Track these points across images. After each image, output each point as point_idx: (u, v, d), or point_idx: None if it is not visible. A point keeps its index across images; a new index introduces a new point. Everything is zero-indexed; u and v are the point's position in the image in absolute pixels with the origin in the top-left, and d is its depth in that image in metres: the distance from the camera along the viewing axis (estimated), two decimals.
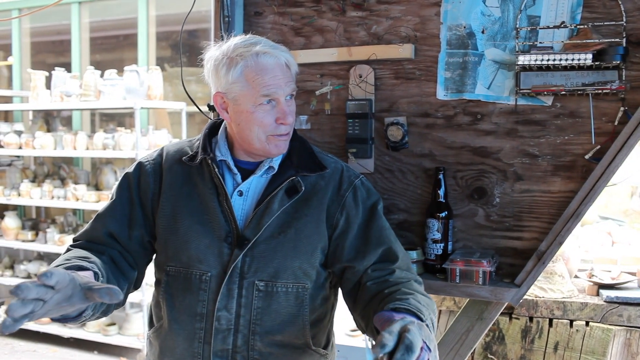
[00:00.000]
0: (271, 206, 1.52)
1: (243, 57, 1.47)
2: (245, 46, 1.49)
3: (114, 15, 5.97)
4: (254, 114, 1.49)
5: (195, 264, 1.53)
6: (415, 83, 1.95)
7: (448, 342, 1.93)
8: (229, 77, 1.48)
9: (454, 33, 1.89)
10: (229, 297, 1.51)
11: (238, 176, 1.57)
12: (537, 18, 1.79)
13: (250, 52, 1.47)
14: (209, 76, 1.56)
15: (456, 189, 1.92)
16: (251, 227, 1.51)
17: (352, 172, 1.64)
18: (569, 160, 1.79)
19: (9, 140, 5.30)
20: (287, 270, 1.52)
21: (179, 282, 1.55)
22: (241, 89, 1.49)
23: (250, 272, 1.51)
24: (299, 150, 1.60)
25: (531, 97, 1.81)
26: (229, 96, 1.51)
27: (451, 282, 1.82)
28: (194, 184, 1.57)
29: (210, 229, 1.53)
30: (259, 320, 1.52)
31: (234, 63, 1.48)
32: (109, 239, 1.57)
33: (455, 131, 1.91)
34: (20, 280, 5.32)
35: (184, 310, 1.54)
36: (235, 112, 1.52)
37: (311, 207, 1.55)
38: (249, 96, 1.48)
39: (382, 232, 1.57)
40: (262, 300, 1.51)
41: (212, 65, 1.53)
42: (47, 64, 6.09)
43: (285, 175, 1.54)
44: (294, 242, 1.52)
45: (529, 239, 1.84)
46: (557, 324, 2.22)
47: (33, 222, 5.60)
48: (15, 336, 5.31)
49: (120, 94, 4.78)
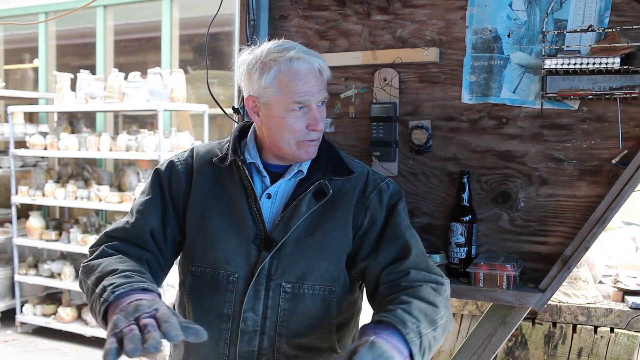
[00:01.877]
0: (299, 209, 1.53)
1: (277, 62, 1.48)
2: (279, 51, 1.50)
3: (138, 18, 6.04)
4: (286, 120, 1.50)
5: (223, 264, 1.54)
6: (440, 87, 1.95)
7: (471, 346, 1.93)
8: (262, 81, 1.49)
9: (479, 37, 1.89)
10: (256, 299, 1.52)
11: (267, 179, 1.58)
12: (564, 22, 1.79)
13: (284, 57, 1.48)
14: (241, 80, 1.57)
15: (480, 193, 1.91)
16: (279, 229, 1.52)
17: (378, 176, 1.65)
18: (595, 165, 1.77)
19: (35, 141, 5.38)
20: (314, 272, 1.53)
21: (205, 283, 1.56)
22: (273, 94, 1.49)
23: (278, 273, 1.52)
24: (326, 154, 1.61)
25: (557, 101, 1.80)
26: (261, 100, 1.52)
27: (475, 286, 1.82)
28: (223, 186, 1.58)
29: (238, 230, 1.54)
30: (285, 322, 1.52)
31: (267, 68, 1.49)
32: (149, 238, 1.57)
33: (480, 135, 1.91)
34: (44, 279, 5.39)
35: (210, 311, 1.55)
36: (266, 117, 1.53)
37: (338, 210, 1.56)
38: (281, 101, 1.49)
39: (398, 227, 1.56)
40: (289, 302, 1.52)
41: (244, 69, 1.54)
42: (71, 66, 6.18)
43: (313, 179, 1.56)
44: (321, 245, 1.53)
45: (554, 244, 1.83)
46: (581, 330, 2.20)
47: (57, 222, 5.68)
48: (39, 335, 5.38)
49: (144, 96, 4.83)
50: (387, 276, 1.50)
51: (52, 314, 5.40)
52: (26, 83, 6.81)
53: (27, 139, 5.48)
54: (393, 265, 1.51)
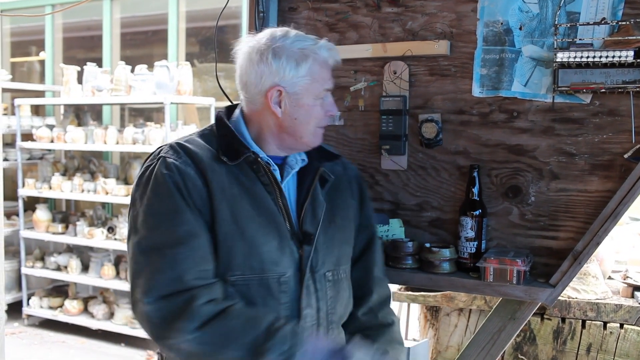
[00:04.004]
0: (317, 197, 1.56)
1: (312, 51, 1.49)
2: (309, 39, 1.51)
3: (144, 11, 6.03)
4: (314, 108, 1.51)
5: (271, 267, 1.46)
6: (451, 80, 1.93)
7: (479, 341, 1.92)
8: (298, 71, 1.47)
9: (490, 29, 1.87)
10: (309, 294, 1.51)
11: (277, 172, 1.54)
12: (577, 14, 1.77)
13: (317, 46, 1.50)
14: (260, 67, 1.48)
15: (490, 187, 1.90)
16: (308, 221, 1.53)
17: (347, 160, 1.76)
18: (607, 159, 1.76)
19: (41, 134, 5.38)
20: (344, 256, 1.61)
21: (253, 291, 1.45)
22: (307, 83, 1.49)
23: (319, 264, 1.53)
24: None
25: (569, 95, 1.78)
26: (290, 90, 1.48)
27: (484, 280, 1.80)
28: (241, 184, 1.47)
29: (274, 229, 1.48)
30: (333, 309, 1.57)
31: (304, 57, 1.47)
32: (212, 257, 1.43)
33: (491, 129, 1.89)
34: (50, 272, 5.41)
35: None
36: (293, 107, 1.49)
37: (342, 193, 1.64)
38: (313, 90, 1.50)
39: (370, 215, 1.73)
40: (332, 289, 1.56)
41: (269, 56, 1.47)
42: (78, 59, 6.18)
43: (312, 167, 1.58)
44: (343, 228, 1.61)
45: (565, 239, 1.82)
46: (591, 326, 2.19)
47: (63, 215, 5.69)
48: (45, 327, 5.40)
49: (151, 89, 4.82)
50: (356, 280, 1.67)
51: (58, 307, 5.41)
52: (33, 76, 6.81)
53: (33, 131, 5.49)
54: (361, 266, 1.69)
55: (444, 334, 2.54)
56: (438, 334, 2.56)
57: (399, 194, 2.02)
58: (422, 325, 2.70)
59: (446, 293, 2.46)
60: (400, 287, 2.64)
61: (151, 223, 1.41)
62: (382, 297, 1.70)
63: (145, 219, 1.41)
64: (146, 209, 1.41)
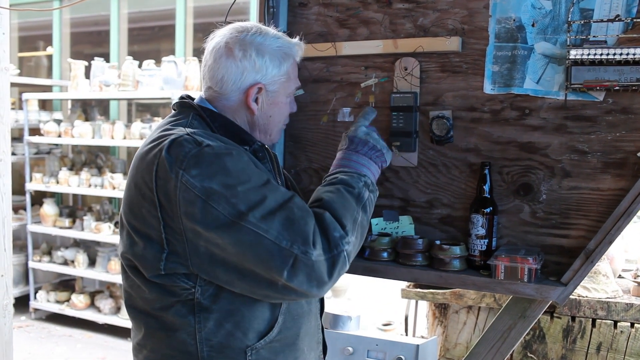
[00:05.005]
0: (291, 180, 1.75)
1: (292, 50, 1.55)
2: (286, 38, 1.55)
3: (152, 6, 6.03)
4: (286, 105, 1.59)
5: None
6: (462, 76, 1.92)
7: (489, 339, 1.91)
8: (280, 69, 1.52)
9: (503, 26, 1.86)
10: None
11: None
12: (590, 11, 1.75)
13: (293, 44, 1.56)
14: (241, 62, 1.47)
15: (501, 185, 1.89)
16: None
17: None
18: (620, 158, 1.74)
19: (49, 129, 5.39)
20: None
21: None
22: (284, 81, 1.55)
23: None
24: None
25: (582, 93, 1.77)
26: (270, 88, 1.52)
27: (495, 278, 1.79)
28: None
29: None
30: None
31: (286, 56, 1.53)
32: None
33: (502, 126, 1.88)
34: (57, 266, 5.42)
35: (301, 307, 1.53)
36: (269, 104, 1.54)
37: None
38: (287, 88, 1.56)
39: None
40: None
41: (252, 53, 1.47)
42: (85, 54, 6.18)
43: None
44: None
45: (576, 237, 1.80)
46: (601, 325, 2.18)
47: (70, 210, 5.71)
48: (52, 321, 5.42)
49: (158, 85, 4.83)
50: None
51: (65, 301, 5.44)
52: (40, 70, 6.82)
53: (41, 126, 5.50)
54: None
55: (453, 332, 2.53)
56: (447, 331, 2.55)
57: (409, 191, 2.01)
58: (430, 323, 2.69)
59: (455, 290, 2.45)
60: (409, 284, 2.63)
61: (255, 196, 1.29)
62: None
63: (246, 197, 1.28)
64: (240, 188, 1.29)
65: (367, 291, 5.54)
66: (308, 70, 2.13)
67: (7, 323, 2.51)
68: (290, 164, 2.19)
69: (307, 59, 2.12)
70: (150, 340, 1.44)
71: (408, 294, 2.61)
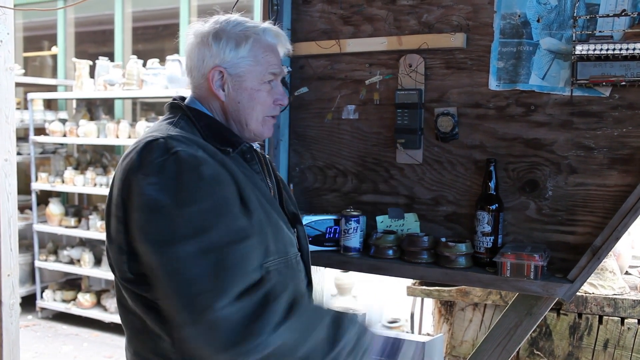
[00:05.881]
0: (281, 179, 1.64)
1: (254, 32, 1.47)
2: (249, 22, 1.49)
3: (156, 5, 6.03)
4: (259, 92, 1.47)
5: (290, 248, 1.49)
6: (467, 73, 1.91)
7: (495, 336, 1.90)
8: (239, 51, 1.45)
9: (507, 22, 1.85)
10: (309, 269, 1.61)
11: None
12: (596, 6, 1.74)
13: (259, 28, 1.49)
14: (201, 50, 1.46)
15: (507, 182, 1.88)
16: (289, 202, 1.62)
17: None
18: (626, 153, 1.73)
19: (54, 128, 5.40)
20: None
21: (283, 274, 1.43)
22: (249, 65, 1.46)
23: (303, 241, 1.59)
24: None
25: (588, 88, 1.76)
26: (232, 71, 1.45)
27: (501, 275, 1.79)
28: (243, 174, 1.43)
29: (279, 213, 1.51)
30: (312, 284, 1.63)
31: (245, 38, 1.46)
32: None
33: (508, 122, 1.87)
34: (63, 265, 5.43)
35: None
36: (236, 90, 1.46)
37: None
38: (256, 73, 1.47)
39: None
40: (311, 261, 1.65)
41: (210, 38, 1.45)
42: (89, 53, 6.19)
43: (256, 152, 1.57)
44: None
45: (583, 234, 1.80)
46: (608, 322, 2.17)
47: (76, 209, 5.71)
48: (59, 320, 5.44)
49: (162, 83, 4.82)
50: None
51: (71, 300, 5.45)
52: (45, 70, 6.83)
53: (46, 125, 5.51)
54: None
55: (459, 329, 2.52)
56: (452, 328, 2.54)
57: (415, 188, 2.00)
58: (436, 320, 2.68)
59: (461, 288, 2.44)
60: (415, 281, 2.63)
61: (201, 222, 1.23)
62: None
63: (190, 219, 1.23)
64: (189, 208, 1.24)
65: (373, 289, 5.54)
66: (312, 68, 2.13)
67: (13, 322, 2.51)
68: (294, 162, 2.19)
69: (311, 57, 2.11)
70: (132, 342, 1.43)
71: (414, 292, 2.60)
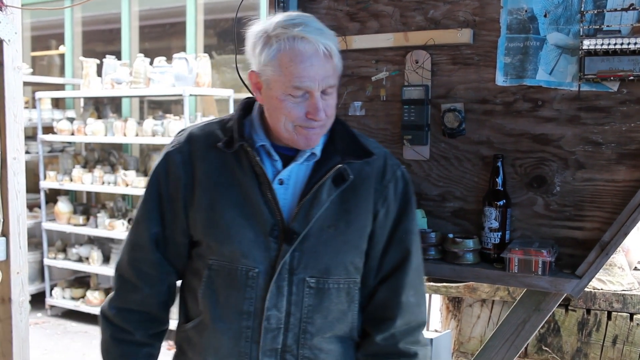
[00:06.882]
0: (319, 196, 1.40)
1: (279, 38, 1.33)
2: (285, 26, 1.34)
3: (162, 3, 6.04)
4: (283, 103, 1.35)
5: (240, 259, 1.41)
6: (474, 69, 1.91)
7: (503, 332, 1.90)
8: (262, 57, 1.36)
9: (514, 17, 1.84)
10: (279, 295, 1.40)
11: (279, 163, 1.44)
12: (604, 0, 1.73)
13: (288, 35, 1.32)
14: (248, 52, 1.42)
15: (515, 177, 1.87)
16: (299, 219, 1.40)
17: (395, 161, 1.53)
18: (635, 148, 1.72)
19: (62, 127, 5.43)
20: (339, 266, 1.43)
21: (223, 278, 1.43)
22: (273, 74, 1.35)
23: (300, 267, 1.40)
24: (341, 134, 1.47)
25: (595, 83, 1.75)
26: (262, 77, 1.38)
27: (509, 271, 1.78)
28: (232, 173, 1.42)
29: (254, 222, 1.40)
30: (310, 319, 1.42)
31: (269, 43, 1.34)
32: (153, 246, 1.48)
33: (515, 118, 1.86)
34: (72, 263, 5.46)
35: (229, 308, 1.43)
36: (266, 96, 1.39)
37: (360, 197, 1.44)
38: (280, 83, 1.34)
39: (407, 234, 1.49)
40: (313, 297, 1.42)
41: (251, 40, 1.40)
42: (97, 52, 6.21)
43: (331, 163, 1.42)
44: (346, 236, 1.43)
45: (591, 229, 1.79)
46: (617, 317, 2.16)
47: (84, 207, 5.74)
48: (68, 317, 5.47)
49: (170, 81, 4.84)
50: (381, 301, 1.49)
51: (80, 298, 5.48)
52: (53, 69, 6.86)
53: (54, 124, 5.54)
54: (388, 287, 1.49)
55: (467, 325, 2.52)
56: (460, 325, 2.54)
57: (422, 184, 2.00)
58: (444, 317, 2.68)
59: (469, 284, 2.44)
60: None
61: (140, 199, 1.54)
62: (409, 324, 1.49)
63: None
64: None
65: None
66: None
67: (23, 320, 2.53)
68: None
69: None
70: None
71: None
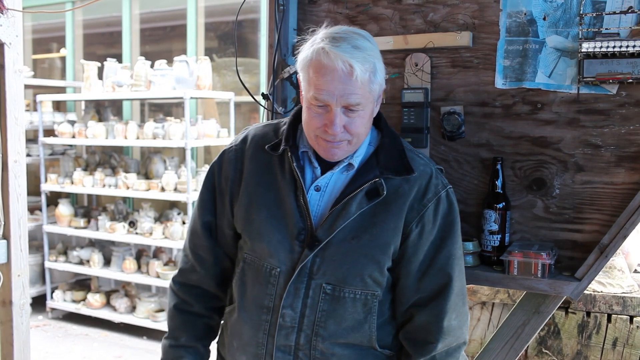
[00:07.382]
0: (348, 208, 1.44)
1: (312, 47, 1.39)
2: (323, 38, 1.39)
3: (163, 6, 6.05)
4: (308, 111, 1.42)
5: (267, 257, 1.50)
6: (473, 71, 1.91)
7: (503, 335, 1.90)
8: (299, 62, 1.43)
9: (514, 20, 1.85)
10: (295, 296, 1.47)
11: (318, 170, 1.50)
12: (603, 3, 1.73)
13: (318, 46, 1.37)
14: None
15: (514, 180, 1.88)
16: (325, 227, 1.44)
17: (441, 181, 1.51)
18: (634, 151, 1.73)
19: (63, 130, 5.44)
20: (356, 277, 1.45)
21: (252, 272, 1.54)
22: (303, 80, 1.44)
23: (319, 273, 1.46)
24: (388, 148, 1.50)
25: (594, 86, 1.76)
26: (300, 81, 1.46)
27: (509, 274, 1.79)
28: (274, 175, 1.52)
29: (284, 224, 1.48)
30: (323, 323, 1.47)
31: (307, 50, 1.41)
32: (207, 232, 1.63)
33: (514, 121, 1.87)
34: (73, 266, 5.47)
35: (253, 300, 1.53)
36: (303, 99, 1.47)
37: (390, 214, 1.45)
38: (306, 91, 1.42)
39: (450, 260, 1.49)
40: (328, 303, 1.46)
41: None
42: (98, 55, 6.22)
43: (368, 176, 1.45)
44: (367, 249, 1.45)
45: (590, 232, 1.79)
46: (617, 320, 2.16)
47: (85, 210, 5.75)
48: (69, 320, 5.47)
49: (170, 84, 4.84)
50: (423, 325, 1.49)
51: (81, 300, 5.48)
52: (54, 72, 6.88)
53: (55, 127, 5.55)
54: (430, 312, 1.49)
55: None
56: None
57: None
58: None
59: (468, 286, 2.44)
60: None
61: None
62: (450, 345, 1.50)
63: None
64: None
65: None
66: None
67: (24, 322, 2.53)
68: None
69: None
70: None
71: None
